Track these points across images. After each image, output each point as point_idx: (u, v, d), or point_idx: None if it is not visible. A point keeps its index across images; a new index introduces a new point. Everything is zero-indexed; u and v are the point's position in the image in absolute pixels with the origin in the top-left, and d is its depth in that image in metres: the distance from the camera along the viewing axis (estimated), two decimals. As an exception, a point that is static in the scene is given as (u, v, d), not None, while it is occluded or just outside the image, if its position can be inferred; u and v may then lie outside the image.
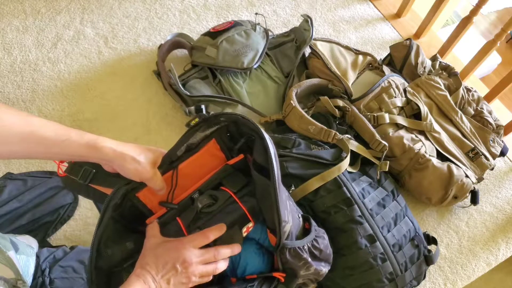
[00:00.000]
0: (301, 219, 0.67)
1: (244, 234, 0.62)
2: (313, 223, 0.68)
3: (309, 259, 0.63)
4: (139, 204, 0.64)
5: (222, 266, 0.59)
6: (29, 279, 0.67)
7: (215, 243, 0.60)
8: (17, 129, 0.50)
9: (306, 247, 0.63)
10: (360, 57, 1.09)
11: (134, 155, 0.57)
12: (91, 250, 0.58)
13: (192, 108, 0.97)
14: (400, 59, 1.11)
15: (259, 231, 0.70)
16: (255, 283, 0.63)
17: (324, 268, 0.68)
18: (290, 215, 0.60)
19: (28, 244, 0.72)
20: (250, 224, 0.62)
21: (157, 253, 0.56)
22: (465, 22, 1.21)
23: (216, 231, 0.59)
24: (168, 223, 0.63)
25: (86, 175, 0.60)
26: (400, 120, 0.98)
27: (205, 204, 0.62)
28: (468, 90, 1.08)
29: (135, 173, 0.58)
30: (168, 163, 0.63)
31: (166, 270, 0.54)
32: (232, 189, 0.64)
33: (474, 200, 0.98)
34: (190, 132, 0.63)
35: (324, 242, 0.67)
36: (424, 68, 1.10)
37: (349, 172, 0.87)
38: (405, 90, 1.03)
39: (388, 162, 0.91)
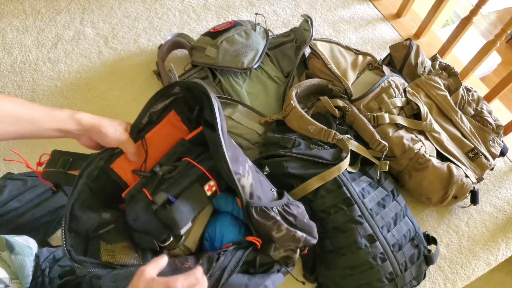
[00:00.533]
0: (275, 192, 0.69)
1: (208, 193, 0.65)
2: (287, 195, 0.70)
3: (278, 218, 0.63)
4: (114, 176, 0.68)
5: None
6: (26, 279, 0.67)
7: (179, 197, 0.62)
8: (9, 109, 0.55)
9: (275, 209, 0.64)
10: (360, 57, 1.09)
11: (109, 121, 0.65)
12: (65, 214, 0.61)
13: (192, 108, 0.97)
14: (400, 59, 1.11)
15: (231, 204, 0.73)
16: (229, 249, 0.64)
17: (300, 232, 0.68)
18: (250, 174, 0.62)
19: (26, 245, 0.72)
20: (212, 183, 0.65)
21: None
22: (465, 22, 1.21)
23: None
24: (135, 195, 0.66)
25: (65, 164, 0.67)
26: (400, 120, 0.98)
27: (166, 170, 0.66)
28: (468, 90, 1.08)
29: (113, 137, 0.64)
30: (136, 133, 0.69)
31: None
32: (190, 157, 0.68)
33: (474, 200, 0.98)
34: (151, 101, 0.69)
35: (298, 210, 0.68)
36: (424, 68, 1.10)
37: (349, 172, 0.87)
38: (405, 90, 1.03)
39: (388, 162, 0.91)
